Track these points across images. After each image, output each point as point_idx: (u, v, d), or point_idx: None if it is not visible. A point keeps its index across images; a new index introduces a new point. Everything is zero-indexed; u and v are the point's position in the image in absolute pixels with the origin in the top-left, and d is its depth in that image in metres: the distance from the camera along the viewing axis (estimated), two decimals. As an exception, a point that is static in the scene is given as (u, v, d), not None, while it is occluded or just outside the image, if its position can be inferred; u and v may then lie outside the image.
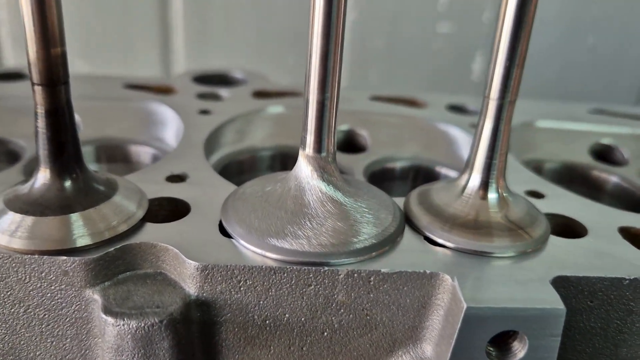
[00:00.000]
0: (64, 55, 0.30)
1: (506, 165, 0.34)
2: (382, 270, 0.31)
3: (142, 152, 0.47)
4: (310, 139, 0.32)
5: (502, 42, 0.31)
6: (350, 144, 0.52)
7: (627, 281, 0.32)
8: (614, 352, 0.34)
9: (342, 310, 0.32)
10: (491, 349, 0.30)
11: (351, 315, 0.32)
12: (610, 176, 0.50)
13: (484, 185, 0.34)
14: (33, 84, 0.30)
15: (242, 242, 0.32)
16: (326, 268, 0.30)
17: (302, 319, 0.32)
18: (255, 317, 0.32)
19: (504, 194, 0.35)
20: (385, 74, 0.96)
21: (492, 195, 0.34)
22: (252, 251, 0.31)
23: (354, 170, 0.45)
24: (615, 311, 0.33)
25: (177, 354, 0.31)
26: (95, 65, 0.89)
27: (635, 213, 0.39)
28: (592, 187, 0.50)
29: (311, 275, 0.31)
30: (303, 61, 0.31)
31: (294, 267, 0.30)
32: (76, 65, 0.86)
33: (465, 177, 0.35)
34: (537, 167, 0.50)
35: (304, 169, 0.33)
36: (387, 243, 0.32)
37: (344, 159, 0.46)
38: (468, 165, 0.35)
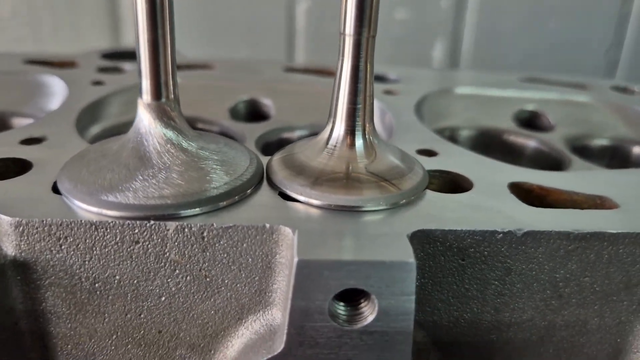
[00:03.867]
0: None
1: (373, 110, 0.31)
2: (215, 224, 0.27)
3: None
4: (146, 84, 0.29)
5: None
6: (255, 114, 0.48)
7: (500, 234, 0.29)
8: (495, 317, 0.31)
9: (177, 271, 0.28)
10: (339, 312, 0.27)
11: (188, 277, 0.29)
12: (528, 140, 0.46)
13: (350, 133, 0.31)
14: None
15: (69, 197, 0.28)
16: (152, 222, 0.27)
17: (135, 281, 0.29)
18: (83, 279, 0.28)
19: (372, 142, 0.31)
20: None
21: (358, 143, 0.31)
22: (77, 206, 0.28)
23: (246, 139, 0.41)
24: (491, 270, 0.29)
25: (-12, 320, 0.28)
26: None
27: (530, 169, 0.35)
28: (511, 153, 0.47)
29: (137, 231, 0.27)
30: (257, 54, 0.28)
31: (117, 222, 0.27)
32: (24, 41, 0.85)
33: (328, 127, 0.32)
34: (452, 135, 0.47)
35: (144, 118, 0.30)
36: (229, 196, 0.29)
37: (237, 127, 0.43)
38: (330, 114, 0.31)
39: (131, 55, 0.58)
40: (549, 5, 0.90)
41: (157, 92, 0.29)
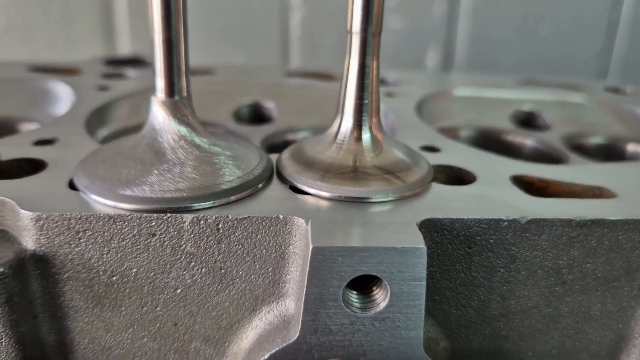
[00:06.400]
0: None
1: (379, 106, 0.32)
2: (230, 215, 0.28)
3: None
4: (161, 82, 0.30)
5: (357, -29, 0.29)
6: (258, 117, 0.49)
7: (506, 222, 0.30)
8: (502, 305, 0.31)
9: (193, 264, 0.29)
10: (352, 300, 0.28)
11: (204, 269, 0.29)
12: (526, 139, 0.48)
13: (357, 127, 0.32)
14: None
15: (86, 192, 0.29)
16: (169, 214, 0.28)
17: (151, 274, 0.29)
18: (101, 273, 0.29)
19: (379, 136, 0.32)
20: (339, 69, 0.94)
21: (365, 137, 0.32)
22: (94, 201, 0.29)
23: (251, 141, 0.42)
24: (497, 258, 0.30)
25: (9, 312, 0.28)
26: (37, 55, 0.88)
27: (531, 163, 0.37)
28: (509, 151, 0.48)
29: (154, 224, 0.28)
30: (252, 62, 0.29)
31: (135, 215, 0.28)
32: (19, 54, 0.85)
33: (337, 122, 0.33)
34: (452, 135, 0.48)
35: (158, 115, 0.31)
36: (242, 189, 0.30)
37: (242, 130, 0.44)
38: (338, 110, 0.32)
39: (132, 62, 0.59)
40: (539, 12, 0.92)
41: (171, 89, 0.30)
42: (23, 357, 0.29)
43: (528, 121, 0.52)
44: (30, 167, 0.34)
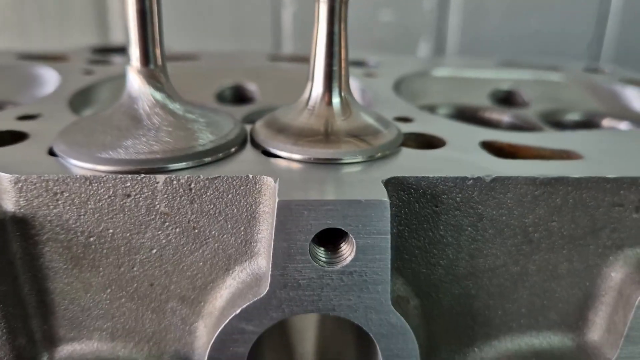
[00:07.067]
0: None
1: (348, 72, 0.33)
2: (201, 175, 0.29)
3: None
4: (135, 51, 0.31)
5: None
6: (240, 99, 0.50)
7: (471, 180, 0.30)
8: (470, 264, 0.32)
9: (167, 224, 0.30)
10: (320, 255, 0.28)
11: (178, 229, 0.30)
12: (504, 116, 0.49)
13: (327, 92, 0.33)
14: None
15: (64, 157, 0.30)
16: (143, 175, 0.29)
17: (127, 234, 0.30)
18: (79, 234, 0.30)
19: (348, 101, 0.33)
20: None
21: (335, 101, 0.33)
22: (72, 165, 0.30)
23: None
24: (464, 217, 0.31)
25: (-11, 273, 0.29)
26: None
27: (501, 130, 0.37)
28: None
29: (128, 184, 0.29)
30: None
31: (110, 176, 0.29)
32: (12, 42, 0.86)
33: (308, 89, 0.34)
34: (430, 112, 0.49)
35: (134, 83, 0.32)
36: (214, 152, 0.31)
37: (224, 109, 0.45)
38: (309, 77, 0.33)
39: (120, 50, 0.60)
40: (530, 4, 0.93)
41: (146, 58, 0.31)
42: (3, 316, 0.30)
43: (506, 99, 0.53)
44: (14, 138, 0.35)
